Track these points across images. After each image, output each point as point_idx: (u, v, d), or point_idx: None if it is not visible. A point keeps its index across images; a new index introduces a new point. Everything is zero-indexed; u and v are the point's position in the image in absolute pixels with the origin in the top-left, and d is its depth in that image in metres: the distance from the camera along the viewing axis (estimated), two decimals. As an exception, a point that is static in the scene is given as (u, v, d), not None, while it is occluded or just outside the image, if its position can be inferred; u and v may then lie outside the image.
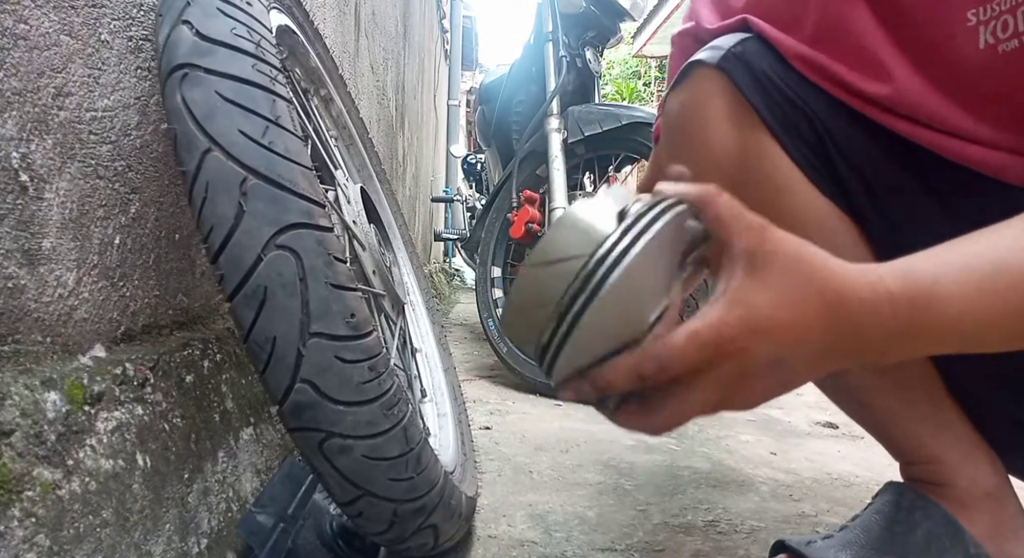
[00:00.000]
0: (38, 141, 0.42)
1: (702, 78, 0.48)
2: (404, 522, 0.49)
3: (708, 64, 0.48)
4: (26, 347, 0.42)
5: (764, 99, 0.47)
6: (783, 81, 0.47)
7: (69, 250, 0.46)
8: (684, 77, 0.50)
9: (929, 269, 0.32)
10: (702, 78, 0.48)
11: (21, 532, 0.35)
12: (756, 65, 0.47)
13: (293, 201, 0.43)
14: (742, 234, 0.31)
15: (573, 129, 1.46)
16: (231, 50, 0.45)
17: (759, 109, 0.47)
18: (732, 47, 0.48)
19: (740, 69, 0.47)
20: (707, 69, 0.48)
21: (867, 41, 0.44)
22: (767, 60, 0.47)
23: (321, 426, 0.43)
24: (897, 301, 0.31)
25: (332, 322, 0.43)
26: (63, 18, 0.45)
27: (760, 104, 0.47)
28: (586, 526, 0.73)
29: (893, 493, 0.52)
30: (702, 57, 0.49)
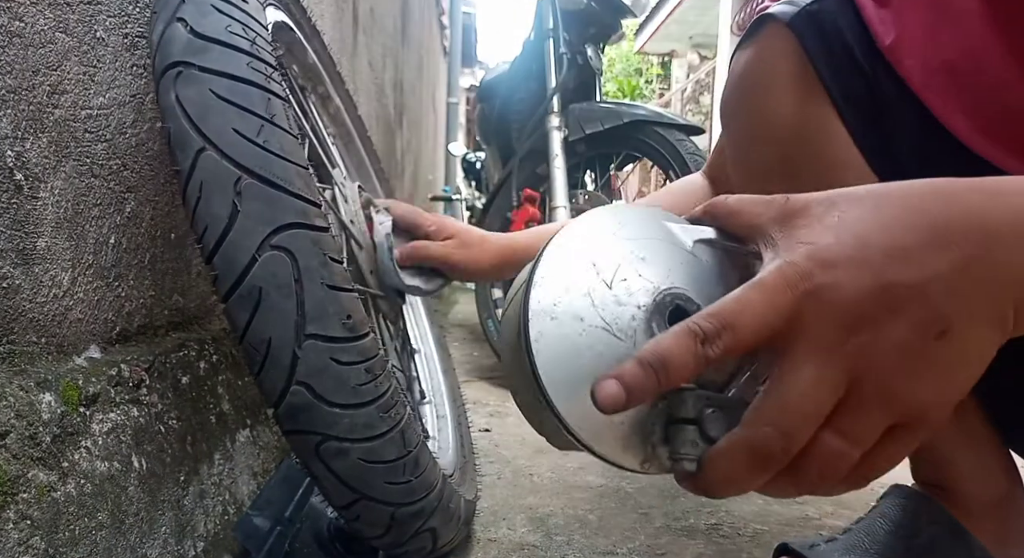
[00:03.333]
0: (33, 139, 0.42)
1: (771, 36, 0.44)
2: (402, 526, 0.49)
3: (779, 20, 0.43)
4: (21, 348, 0.41)
5: (832, 68, 0.42)
6: (857, 46, 0.42)
7: (64, 250, 0.45)
8: (753, 32, 0.45)
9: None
10: (771, 36, 0.44)
11: (16, 534, 0.35)
12: (830, 26, 0.42)
13: (288, 201, 0.43)
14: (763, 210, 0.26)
15: (574, 127, 1.45)
16: (226, 48, 0.45)
17: (825, 79, 0.42)
18: (809, 4, 0.43)
19: (812, 30, 0.42)
20: (777, 26, 0.43)
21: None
22: (845, 21, 0.42)
23: (317, 429, 0.43)
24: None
25: (328, 323, 0.42)
26: (58, 15, 0.44)
27: (827, 74, 0.42)
28: (587, 530, 0.72)
29: (898, 497, 0.52)
30: (775, 11, 0.44)
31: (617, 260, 0.27)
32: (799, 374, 0.23)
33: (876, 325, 0.22)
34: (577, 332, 0.25)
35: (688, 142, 1.33)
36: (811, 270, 0.23)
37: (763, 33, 0.45)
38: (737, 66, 0.47)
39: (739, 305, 0.23)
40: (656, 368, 0.23)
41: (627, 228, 0.28)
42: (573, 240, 0.27)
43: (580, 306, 0.26)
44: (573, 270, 0.26)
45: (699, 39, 8.41)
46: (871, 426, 0.23)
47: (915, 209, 0.23)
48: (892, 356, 0.22)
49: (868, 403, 0.23)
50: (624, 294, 0.26)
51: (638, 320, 0.26)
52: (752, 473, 0.24)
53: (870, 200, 0.24)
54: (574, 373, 0.25)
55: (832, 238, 0.23)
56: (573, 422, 0.25)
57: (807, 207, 0.25)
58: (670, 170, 1.32)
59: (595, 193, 1.51)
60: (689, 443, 0.25)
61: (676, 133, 1.34)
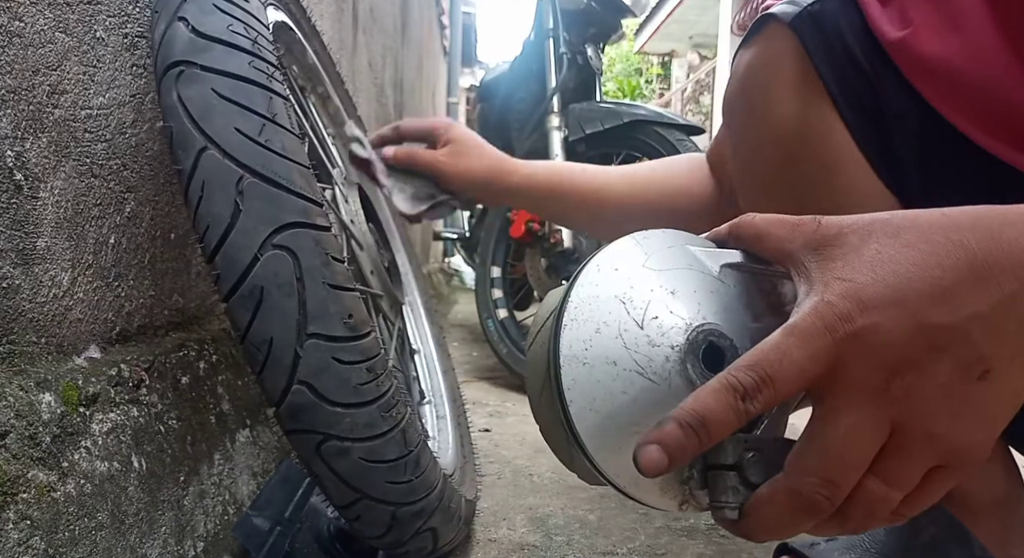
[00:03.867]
0: (33, 139, 0.42)
1: (772, 36, 0.44)
2: (402, 526, 0.49)
3: (781, 20, 0.44)
4: (20, 348, 0.41)
5: (833, 68, 0.42)
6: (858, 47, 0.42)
7: (64, 250, 0.45)
8: (756, 31, 0.46)
9: None
10: (772, 36, 0.44)
11: (16, 535, 0.35)
12: (831, 27, 0.42)
13: (290, 200, 0.43)
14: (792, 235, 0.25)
15: (574, 127, 1.45)
16: (228, 47, 0.45)
17: (826, 79, 0.42)
18: (811, 4, 0.43)
19: (813, 31, 0.42)
20: (779, 26, 0.44)
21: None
22: (847, 21, 0.42)
23: (318, 428, 0.43)
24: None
25: (330, 323, 0.42)
26: (58, 15, 0.44)
27: (828, 74, 0.42)
28: (587, 530, 0.72)
29: (898, 496, 0.52)
30: (776, 11, 0.44)
31: (647, 297, 0.26)
32: (841, 421, 0.22)
33: (917, 368, 0.22)
34: (611, 376, 0.25)
35: (688, 142, 1.33)
36: (850, 312, 0.22)
37: (764, 33, 0.46)
38: (739, 66, 0.48)
39: (777, 355, 0.22)
40: (697, 429, 0.22)
41: (654, 258, 0.27)
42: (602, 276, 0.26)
43: (612, 349, 0.25)
44: (603, 310, 0.25)
45: (699, 39, 8.42)
46: (914, 470, 0.23)
47: (956, 244, 0.22)
48: (935, 399, 0.22)
49: (911, 448, 0.23)
50: (656, 334, 0.25)
51: (672, 361, 0.25)
52: (796, 520, 0.24)
53: (909, 233, 0.23)
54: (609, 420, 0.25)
55: (870, 276, 0.23)
56: (610, 470, 0.25)
57: (841, 234, 0.24)
58: (670, 170, 1.32)
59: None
60: (731, 491, 0.25)
61: (676, 133, 1.34)
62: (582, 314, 0.25)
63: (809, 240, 0.25)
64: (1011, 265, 0.22)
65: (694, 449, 0.23)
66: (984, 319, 0.22)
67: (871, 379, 0.22)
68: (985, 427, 0.23)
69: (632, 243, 0.27)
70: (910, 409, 0.22)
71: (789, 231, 0.26)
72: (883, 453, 0.23)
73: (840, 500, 0.23)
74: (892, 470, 0.23)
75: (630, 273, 0.26)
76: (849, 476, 0.23)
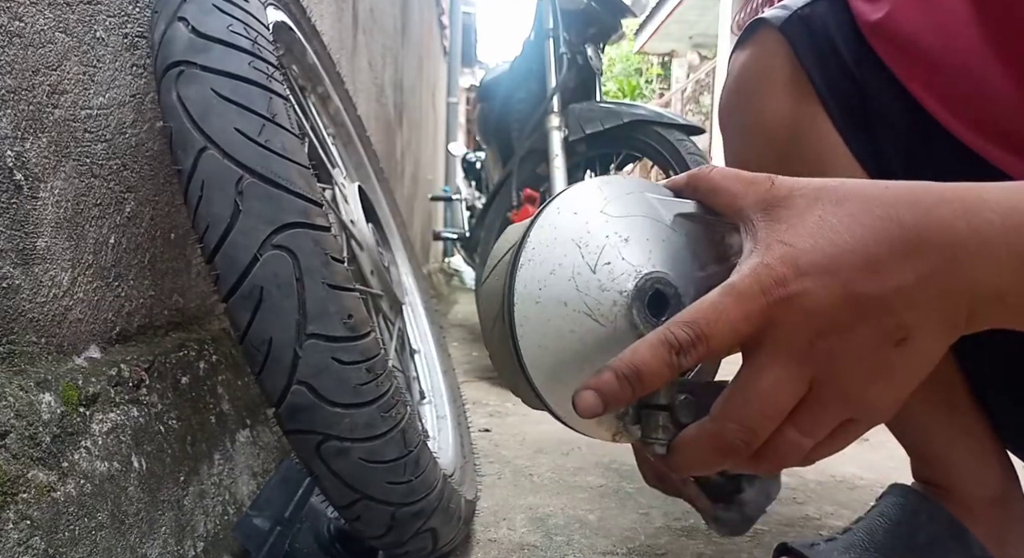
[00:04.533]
0: (33, 139, 0.42)
1: (764, 40, 0.46)
2: (402, 526, 0.49)
3: (772, 25, 0.46)
4: (20, 348, 0.41)
5: (821, 69, 0.44)
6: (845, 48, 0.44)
7: (64, 250, 0.45)
8: (748, 36, 0.47)
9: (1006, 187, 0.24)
10: (764, 40, 0.46)
11: (16, 535, 0.35)
12: (820, 30, 0.44)
13: (290, 200, 0.43)
14: (746, 191, 0.27)
15: (574, 127, 1.45)
16: (227, 47, 0.45)
17: (814, 80, 0.44)
18: (801, 8, 0.45)
19: (802, 34, 0.44)
20: (770, 30, 0.46)
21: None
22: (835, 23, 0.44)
23: (318, 428, 0.43)
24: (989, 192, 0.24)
25: (329, 323, 0.42)
26: (58, 15, 0.44)
27: (816, 74, 0.44)
28: (587, 530, 0.72)
29: (897, 495, 0.52)
30: (768, 16, 0.46)
31: (601, 242, 0.27)
32: (766, 376, 0.24)
33: (841, 332, 0.24)
34: (561, 316, 0.26)
35: (688, 142, 1.33)
36: (785, 276, 0.24)
37: (756, 37, 0.47)
38: (732, 69, 0.49)
39: (714, 313, 0.24)
40: (632, 380, 0.24)
41: (612, 204, 0.28)
42: (561, 219, 0.27)
43: (565, 290, 0.26)
44: (559, 252, 0.27)
45: (699, 39, 8.42)
46: (827, 423, 0.26)
47: (891, 219, 0.24)
48: (854, 361, 0.24)
49: (827, 403, 0.25)
50: (607, 279, 0.27)
51: (619, 306, 0.27)
52: (716, 459, 0.26)
53: (851, 203, 0.25)
54: (555, 355, 0.26)
55: (810, 243, 0.24)
56: (553, 401, 0.26)
57: (791, 197, 0.26)
58: (670, 170, 1.32)
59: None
60: (661, 428, 0.27)
61: (676, 133, 1.34)
62: (539, 255, 0.27)
63: (760, 199, 0.26)
64: (939, 243, 0.24)
65: (627, 397, 0.25)
66: (907, 291, 0.24)
67: (797, 340, 0.24)
68: (897, 388, 0.25)
69: (592, 187, 0.28)
70: (830, 369, 0.24)
71: (743, 187, 0.27)
72: (801, 406, 0.25)
73: (757, 445, 0.25)
74: (807, 421, 0.25)
75: (587, 218, 0.27)
76: (767, 425, 0.25)
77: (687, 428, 0.26)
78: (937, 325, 0.24)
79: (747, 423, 0.25)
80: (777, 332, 0.24)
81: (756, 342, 0.25)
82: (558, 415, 0.27)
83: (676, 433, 0.26)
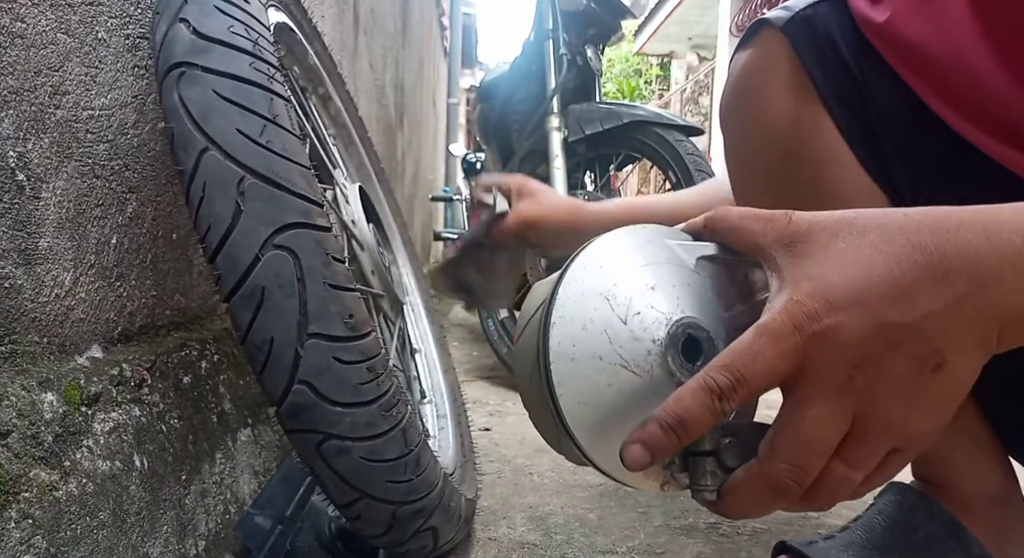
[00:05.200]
0: (35, 140, 0.42)
1: (766, 40, 0.46)
2: (403, 524, 0.49)
3: (774, 25, 0.46)
4: (23, 347, 0.41)
5: (822, 69, 0.44)
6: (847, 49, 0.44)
7: (66, 250, 0.45)
8: (750, 36, 0.48)
9: None
10: (766, 40, 0.46)
11: (18, 534, 0.35)
12: (822, 31, 0.44)
13: (291, 200, 0.43)
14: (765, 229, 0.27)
15: (574, 128, 1.45)
16: (228, 48, 0.45)
17: (816, 80, 0.44)
18: (803, 9, 0.45)
19: (804, 35, 0.45)
20: (772, 31, 0.46)
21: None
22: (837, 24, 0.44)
23: (319, 428, 0.43)
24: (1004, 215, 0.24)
25: (330, 323, 0.42)
26: (60, 16, 0.44)
27: (818, 74, 0.44)
28: (587, 528, 0.73)
29: (896, 494, 0.52)
30: (770, 16, 0.46)
31: (630, 293, 0.27)
32: (809, 413, 0.24)
33: (877, 363, 0.24)
34: (597, 371, 0.26)
35: (687, 143, 1.33)
36: (817, 311, 0.24)
37: (758, 37, 0.47)
38: (735, 68, 0.49)
39: (751, 355, 0.24)
40: (676, 429, 0.25)
41: (635, 253, 0.28)
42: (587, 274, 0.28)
43: (598, 345, 0.27)
44: (588, 307, 0.27)
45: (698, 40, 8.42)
46: (874, 454, 0.26)
47: (915, 246, 0.24)
48: (893, 391, 0.24)
49: (872, 435, 0.25)
50: (639, 329, 0.27)
51: (654, 355, 0.27)
52: (768, 501, 0.26)
53: (873, 234, 0.25)
54: (596, 411, 0.26)
55: (837, 276, 0.24)
56: (597, 457, 0.26)
57: (811, 232, 0.26)
58: (669, 171, 1.32)
59: (595, 193, 1.52)
60: (709, 474, 0.27)
61: (675, 134, 1.35)
62: (569, 312, 0.27)
63: (781, 235, 0.27)
64: (964, 267, 0.24)
65: (674, 447, 0.25)
66: (938, 317, 0.24)
67: (835, 374, 0.24)
68: (938, 414, 0.25)
69: (614, 240, 0.29)
70: (870, 400, 0.24)
71: (762, 226, 0.27)
72: (846, 440, 0.25)
73: (808, 483, 0.25)
74: (854, 455, 0.25)
75: (613, 270, 0.28)
76: (816, 462, 0.25)
77: (735, 472, 0.26)
78: (970, 348, 0.24)
79: (796, 462, 0.25)
80: (815, 368, 0.24)
81: (795, 380, 0.25)
82: (604, 470, 0.27)
83: (725, 478, 0.27)
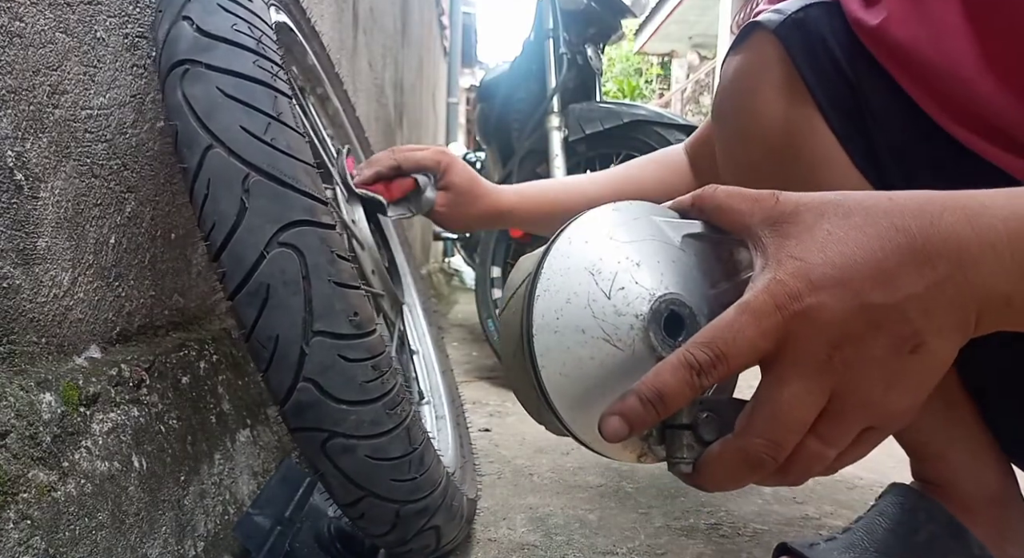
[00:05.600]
0: (33, 139, 0.42)
1: (758, 42, 0.47)
2: (406, 523, 0.48)
3: (766, 28, 0.46)
4: (21, 348, 0.41)
5: (815, 72, 0.45)
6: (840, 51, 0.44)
7: (64, 250, 0.45)
8: (743, 39, 0.48)
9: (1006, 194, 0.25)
10: (758, 42, 0.47)
11: (16, 534, 0.35)
12: (814, 33, 0.45)
13: (296, 198, 0.43)
14: (752, 209, 0.27)
15: (574, 127, 1.45)
16: (232, 46, 0.45)
17: (808, 82, 0.45)
18: (795, 12, 0.46)
19: (796, 37, 0.45)
20: (764, 34, 0.46)
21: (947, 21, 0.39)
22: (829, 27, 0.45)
23: (324, 426, 0.43)
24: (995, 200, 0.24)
25: (335, 320, 0.42)
26: (58, 15, 0.44)
27: (811, 77, 0.45)
28: (587, 529, 0.73)
29: (897, 495, 0.52)
30: (762, 19, 0.47)
31: (614, 268, 0.28)
32: (787, 390, 0.25)
33: (857, 343, 0.24)
34: (579, 343, 0.27)
35: (687, 142, 1.33)
36: (799, 291, 0.24)
37: (751, 40, 0.48)
38: (727, 72, 0.50)
39: (731, 332, 0.24)
40: (655, 403, 0.25)
41: (621, 230, 0.29)
42: (573, 248, 0.28)
43: (582, 318, 0.27)
44: (573, 281, 0.27)
45: (699, 39, 8.44)
46: (849, 431, 0.26)
47: (898, 228, 0.24)
48: (871, 370, 0.25)
49: (848, 412, 0.25)
50: (622, 304, 0.27)
51: (636, 329, 0.27)
52: (743, 475, 0.26)
53: (857, 215, 0.25)
54: (577, 383, 0.27)
55: (820, 256, 0.25)
56: (577, 428, 0.27)
57: (797, 212, 0.26)
58: (669, 170, 1.32)
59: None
60: (685, 447, 0.27)
61: (676, 133, 1.35)
62: (554, 285, 0.27)
63: (767, 215, 0.27)
64: (947, 250, 0.24)
65: (652, 420, 0.25)
66: (919, 299, 0.24)
67: (815, 353, 0.24)
68: (914, 394, 0.25)
69: (601, 215, 0.29)
70: (848, 379, 0.25)
71: (749, 205, 0.27)
72: (822, 417, 0.25)
73: (783, 458, 0.26)
74: (830, 432, 0.26)
75: (599, 245, 0.28)
76: (791, 438, 0.25)
77: (712, 446, 0.27)
78: (949, 330, 0.24)
79: (771, 437, 0.25)
80: (795, 346, 0.24)
81: (774, 357, 0.25)
82: (583, 441, 0.27)
83: (701, 451, 0.27)
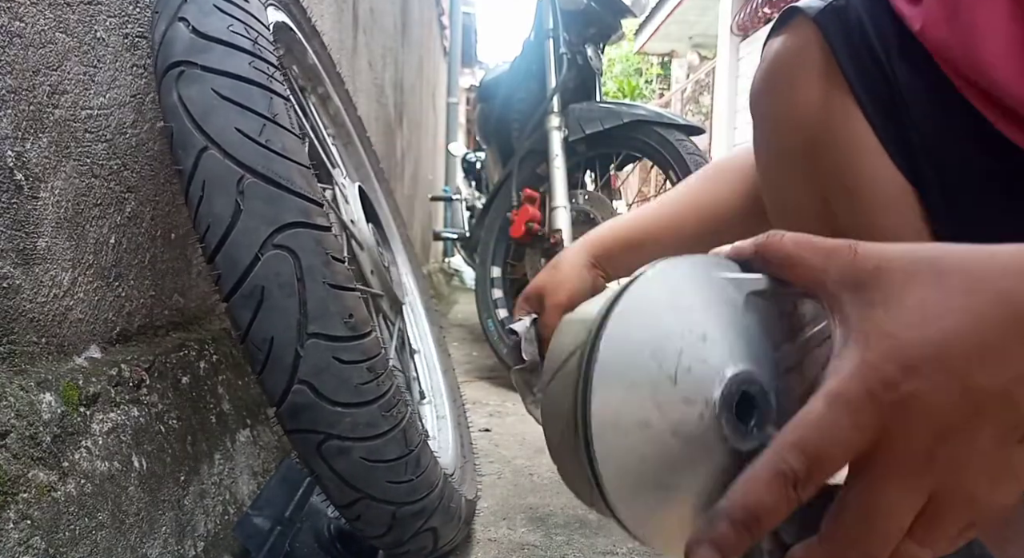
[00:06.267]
0: (33, 139, 0.42)
1: (798, 28, 0.46)
2: (403, 525, 0.49)
3: (806, 14, 0.46)
4: (21, 348, 0.41)
5: (853, 60, 0.44)
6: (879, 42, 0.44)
7: (64, 250, 0.45)
8: (783, 23, 0.48)
9: None
10: (798, 28, 0.46)
11: (16, 534, 0.35)
12: (854, 22, 0.44)
13: (291, 200, 0.43)
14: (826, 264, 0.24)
15: (574, 127, 1.45)
16: (228, 47, 0.45)
17: (846, 70, 0.44)
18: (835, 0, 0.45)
19: (836, 25, 0.44)
20: (804, 19, 0.46)
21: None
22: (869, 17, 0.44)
23: (319, 428, 0.43)
24: None
25: (330, 322, 0.42)
26: (58, 15, 0.44)
27: (848, 65, 0.44)
28: (587, 529, 0.72)
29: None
30: (802, 5, 0.46)
31: (678, 344, 0.24)
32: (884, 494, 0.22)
33: (961, 435, 0.22)
34: (643, 441, 0.24)
35: (688, 142, 1.33)
36: (895, 377, 0.21)
37: (791, 25, 0.47)
38: (767, 54, 0.49)
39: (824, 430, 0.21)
40: (751, 526, 0.22)
41: (682, 296, 0.25)
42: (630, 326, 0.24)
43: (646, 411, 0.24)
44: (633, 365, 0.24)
45: (699, 39, 8.42)
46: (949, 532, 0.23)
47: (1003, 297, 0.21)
48: (977, 466, 0.22)
49: (950, 513, 0.23)
50: (690, 390, 0.24)
51: (706, 418, 0.24)
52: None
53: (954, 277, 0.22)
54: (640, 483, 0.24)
55: (916, 333, 0.22)
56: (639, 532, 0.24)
57: (880, 272, 0.23)
58: (670, 170, 1.32)
59: (595, 193, 1.52)
60: (766, 553, 0.24)
61: (676, 133, 1.35)
62: (612, 370, 0.24)
63: (845, 273, 0.24)
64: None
65: (747, 544, 0.22)
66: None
67: (916, 450, 0.22)
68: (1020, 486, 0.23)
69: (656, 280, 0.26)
70: (952, 477, 0.22)
71: (822, 260, 0.24)
72: (920, 518, 0.23)
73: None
74: (928, 535, 0.23)
75: (660, 317, 0.25)
76: (887, 548, 0.22)
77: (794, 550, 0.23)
78: None
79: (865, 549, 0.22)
80: (892, 443, 0.21)
81: (869, 455, 0.22)
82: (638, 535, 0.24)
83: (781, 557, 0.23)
